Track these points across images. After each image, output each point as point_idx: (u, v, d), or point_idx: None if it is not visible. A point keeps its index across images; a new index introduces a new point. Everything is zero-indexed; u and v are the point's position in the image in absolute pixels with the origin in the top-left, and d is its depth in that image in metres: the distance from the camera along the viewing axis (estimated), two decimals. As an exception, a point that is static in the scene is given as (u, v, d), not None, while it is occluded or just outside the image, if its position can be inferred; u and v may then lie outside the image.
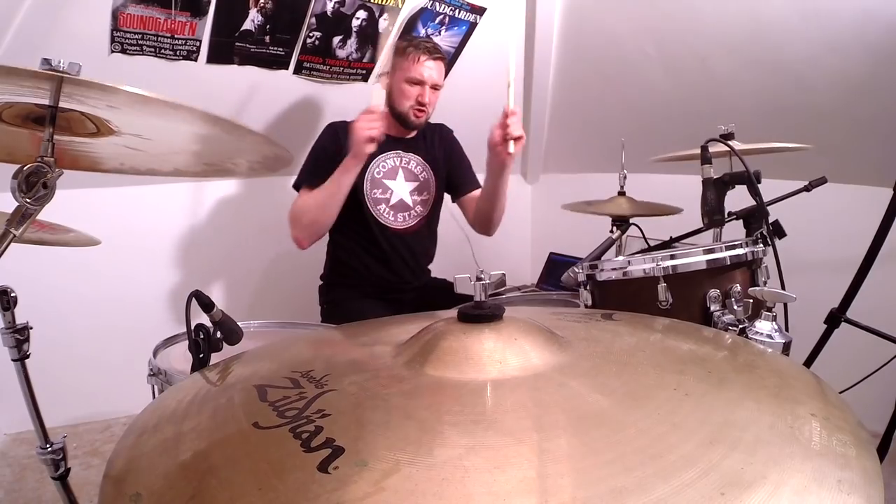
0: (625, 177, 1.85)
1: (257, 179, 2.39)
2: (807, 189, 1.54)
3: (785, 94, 1.99)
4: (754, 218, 1.30)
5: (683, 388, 0.56)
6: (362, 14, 2.10)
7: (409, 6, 2.16)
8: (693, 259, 1.17)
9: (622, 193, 1.85)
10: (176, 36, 1.84)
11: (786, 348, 0.90)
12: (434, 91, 1.83)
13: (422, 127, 1.90)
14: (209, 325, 0.86)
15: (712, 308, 1.15)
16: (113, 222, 2.08)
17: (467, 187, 1.97)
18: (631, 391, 0.57)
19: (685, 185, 1.47)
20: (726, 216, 1.33)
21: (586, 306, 1.26)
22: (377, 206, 1.87)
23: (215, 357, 0.84)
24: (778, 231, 1.32)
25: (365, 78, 2.30)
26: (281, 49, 2.06)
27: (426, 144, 1.96)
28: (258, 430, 0.52)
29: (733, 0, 1.95)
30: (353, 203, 1.85)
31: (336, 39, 2.13)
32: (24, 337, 1.10)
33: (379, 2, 2.10)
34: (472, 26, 2.36)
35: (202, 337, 0.84)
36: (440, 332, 0.65)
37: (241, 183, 2.41)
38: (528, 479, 0.43)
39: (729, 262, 1.18)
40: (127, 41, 1.78)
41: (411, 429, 0.50)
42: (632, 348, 0.72)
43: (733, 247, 1.20)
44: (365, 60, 2.25)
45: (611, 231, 1.75)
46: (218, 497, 0.44)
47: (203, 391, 0.66)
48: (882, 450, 1.28)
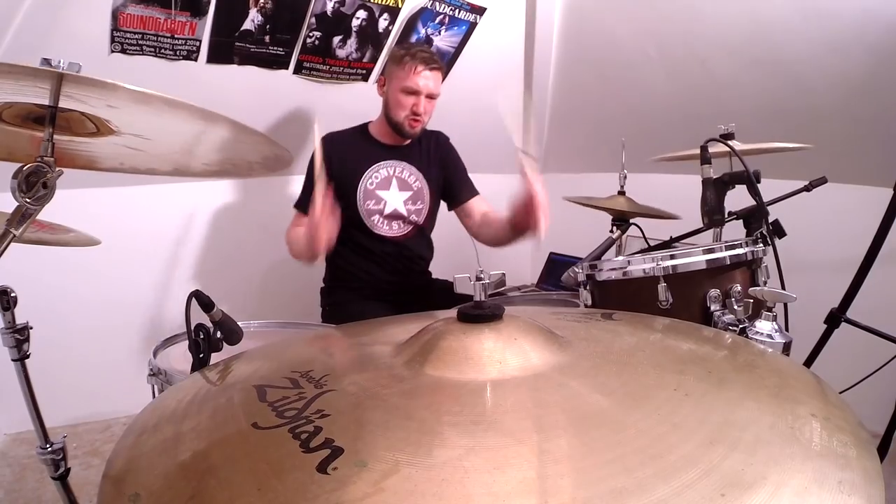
0: (625, 177, 1.85)
1: (257, 179, 2.39)
2: (807, 189, 1.54)
3: (785, 95, 1.99)
4: (754, 218, 1.30)
5: (683, 389, 0.56)
6: (362, 14, 2.10)
7: (409, 6, 2.16)
8: (693, 259, 1.17)
9: (622, 193, 1.85)
10: (176, 36, 1.84)
11: (786, 348, 0.90)
12: (430, 100, 1.82)
13: (417, 136, 1.88)
14: (209, 325, 0.86)
15: (712, 308, 1.15)
16: (113, 222, 2.08)
17: (463, 196, 1.95)
18: (631, 391, 0.57)
19: (685, 186, 1.46)
20: (726, 216, 1.33)
21: (586, 306, 1.26)
22: (371, 217, 1.87)
23: (215, 357, 0.84)
24: (778, 231, 1.32)
25: (365, 78, 2.30)
26: (281, 49, 2.06)
27: (421, 153, 1.94)
28: (257, 431, 0.52)
29: (733, 1, 1.95)
30: (349, 214, 1.85)
31: (336, 39, 2.13)
32: (24, 337, 1.10)
33: (379, 2, 2.10)
34: (472, 26, 2.36)
35: (202, 337, 0.84)
36: (440, 332, 0.65)
37: (241, 183, 2.41)
38: (528, 480, 0.43)
39: (729, 262, 1.18)
40: (127, 41, 1.78)
41: (411, 429, 0.50)
42: (632, 348, 0.72)
43: (733, 247, 1.19)
44: (365, 60, 2.25)
45: (611, 231, 1.75)
46: (217, 497, 0.44)
47: (203, 391, 0.66)
48: (882, 450, 1.28)
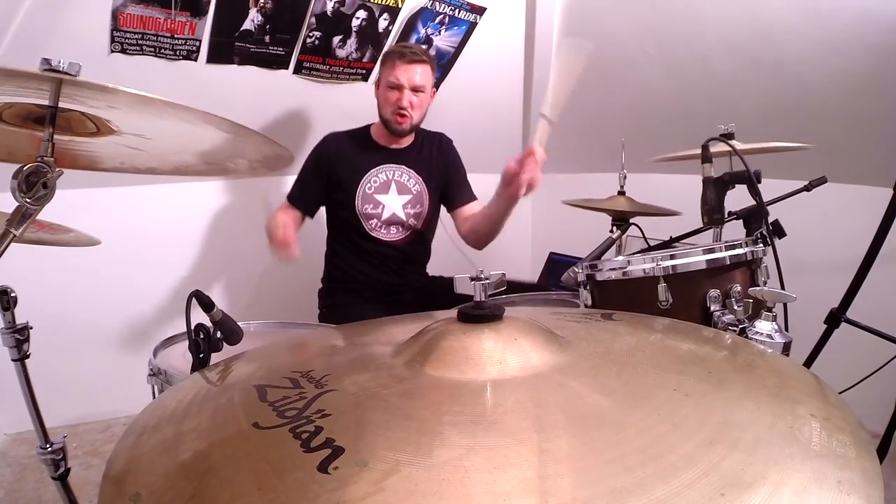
0: (625, 177, 1.85)
1: (257, 179, 2.39)
2: (807, 189, 1.54)
3: (785, 94, 1.99)
4: (754, 218, 1.30)
5: (683, 389, 0.56)
6: (362, 14, 2.10)
7: (409, 6, 2.16)
8: (693, 259, 1.16)
9: (622, 193, 1.85)
10: (176, 36, 1.84)
11: (786, 348, 0.90)
12: (416, 94, 1.80)
13: (406, 133, 1.87)
14: (209, 325, 0.86)
15: (712, 308, 1.15)
16: (113, 222, 2.08)
17: (462, 200, 1.95)
18: (631, 391, 0.57)
19: (685, 185, 1.46)
20: (726, 216, 1.33)
21: (586, 306, 1.26)
22: (369, 221, 1.87)
23: (215, 357, 0.84)
24: (778, 231, 1.32)
25: (365, 77, 2.30)
26: (281, 49, 2.06)
27: (422, 156, 1.94)
28: (258, 430, 0.52)
29: (734, 0, 1.95)
30: (347, 217, 1.86)
31: (336, 39, 2.13)
32: (24, 337, 1.10)
33: (379, 2, 2.10)
34: (472, 26, 2.36)
35: (202, 337, 0.84)
36: (440, 332, 0.65)
37: (241, 183, 2.41)
38: (528, 480, 0.43)
39: (729, 262, 1.18)
40: (127, 41, 1.78)
41: (411, 429, 0.50)
42: (632, 348, 0.72)
43: (733, 247, 1.19)
44: (365, 60, 2.25)
45: (611, 231, 1.74)
46: (218, 497, 0.44)
47: (203, 391, 0.66)
48: (882, 450, 1.28)
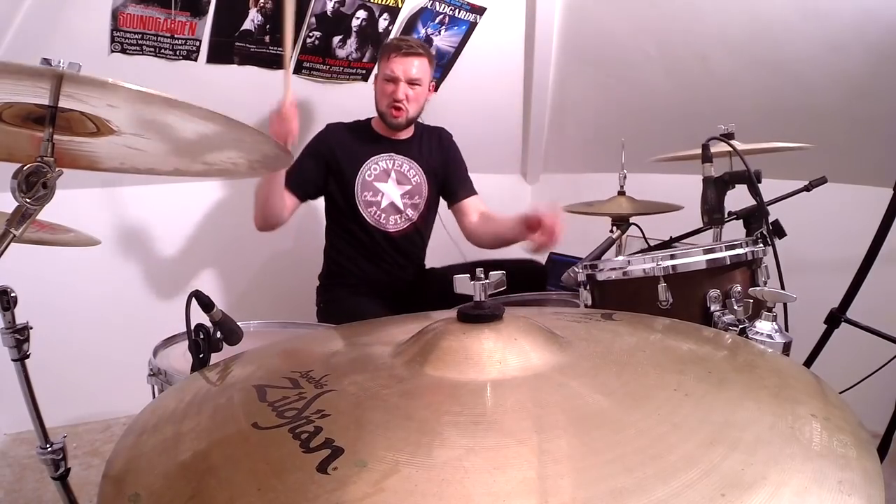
0: (625, 177, 1.85)
1: (257, 179, 2.39)
2: (807, 189, 1.54)
3: (785, 94, 1.99)
4: (754, 217, 1.30)
5: (683, 389, 0.56)
6: (362, 14, 2.10)
7: (409, 6, 2.16)
8: (693, 259, 1.16)
9: (622, 193, 1.85)
10: (176, 36, 1.84)
11: (786, 348, 0.89)
12: (412, 86, 1.80)
13: (402, 126, 1.87)
14: (209, 325, 0.86)
15: (712, 308, 1.15)
16: (113, 222, 2.08)
17: (462, 195, 1.96)
18: (631, 391, 0.57)
19: (685, 185, 1.46)
20: (726, 216, 1.33)
21: (586, 306, 1.26)
22: (368, 209, 1.88)
23: (215, 357, 0.84)
24: (778, 231, 1.32)
25: (365, 77, 2.30)
26: (281, 49, 2.05)
27: (422, 148, 1.94)
28: (258, 431, 0.52)
29: (733, 0, 1.95)
30: (346, 205, 1.86)
31: (336, 39, 2.13)
32: (24, 337, 1.10)
33: (379, 2, 2.10)
34: (472, 26, 2.36)
35: (202, 337, 0.84)
36: (440, 332, 0.65)
37: (241, 183, 2.41)
38: (528, 480, 0.43)
39: (729, 262, 1.18)
40: (127, 41, 1.78)
41: (411, 429, 0.50)
42: (632, 348, 0.72)
43: (733, 246, 1.19)
44: (365, 60, 2.25)
45: (611, 231, 1.74)
46: (217, 497, 0.44)
47: (203, 391, 0.66)
48: (882, 450, 1.28)
